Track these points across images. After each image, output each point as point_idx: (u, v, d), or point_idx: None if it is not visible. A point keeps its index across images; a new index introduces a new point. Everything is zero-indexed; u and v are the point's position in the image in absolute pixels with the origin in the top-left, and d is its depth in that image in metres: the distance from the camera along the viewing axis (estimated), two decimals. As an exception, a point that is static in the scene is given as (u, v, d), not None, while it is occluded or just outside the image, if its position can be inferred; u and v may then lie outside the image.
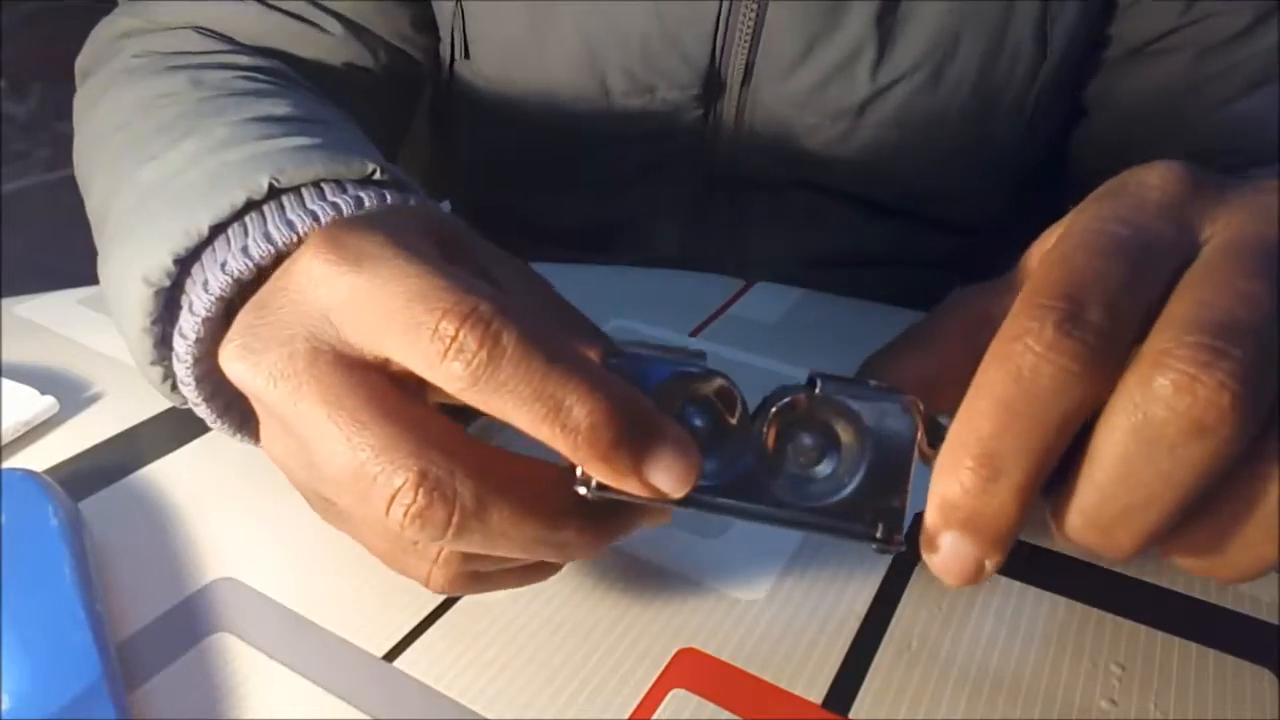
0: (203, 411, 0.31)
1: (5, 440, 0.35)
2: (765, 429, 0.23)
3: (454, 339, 0.21)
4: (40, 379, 0.38)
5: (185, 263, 0.29)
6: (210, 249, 0.29)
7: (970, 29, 0.49)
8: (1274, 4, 0.47)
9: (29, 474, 0.31)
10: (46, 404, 0.37)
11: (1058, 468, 0.21)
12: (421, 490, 0.21)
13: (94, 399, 0.39)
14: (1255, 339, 0.19)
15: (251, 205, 0.29)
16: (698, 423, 0.23)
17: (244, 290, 0.27)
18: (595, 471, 0.22)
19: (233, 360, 0.24)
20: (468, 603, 0.29)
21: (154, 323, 0.30)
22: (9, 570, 0.27)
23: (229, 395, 0.30)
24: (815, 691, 0.27)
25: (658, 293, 0.49)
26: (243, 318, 0.25)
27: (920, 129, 0.52)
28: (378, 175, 0.31)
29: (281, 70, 0.47)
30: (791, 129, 0.53)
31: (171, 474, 0.35)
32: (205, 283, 0.28)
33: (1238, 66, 0.48)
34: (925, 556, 0.22)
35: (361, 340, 0.23)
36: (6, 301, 0.45)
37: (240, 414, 0.31)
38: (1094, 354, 0.20)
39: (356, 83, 0.52)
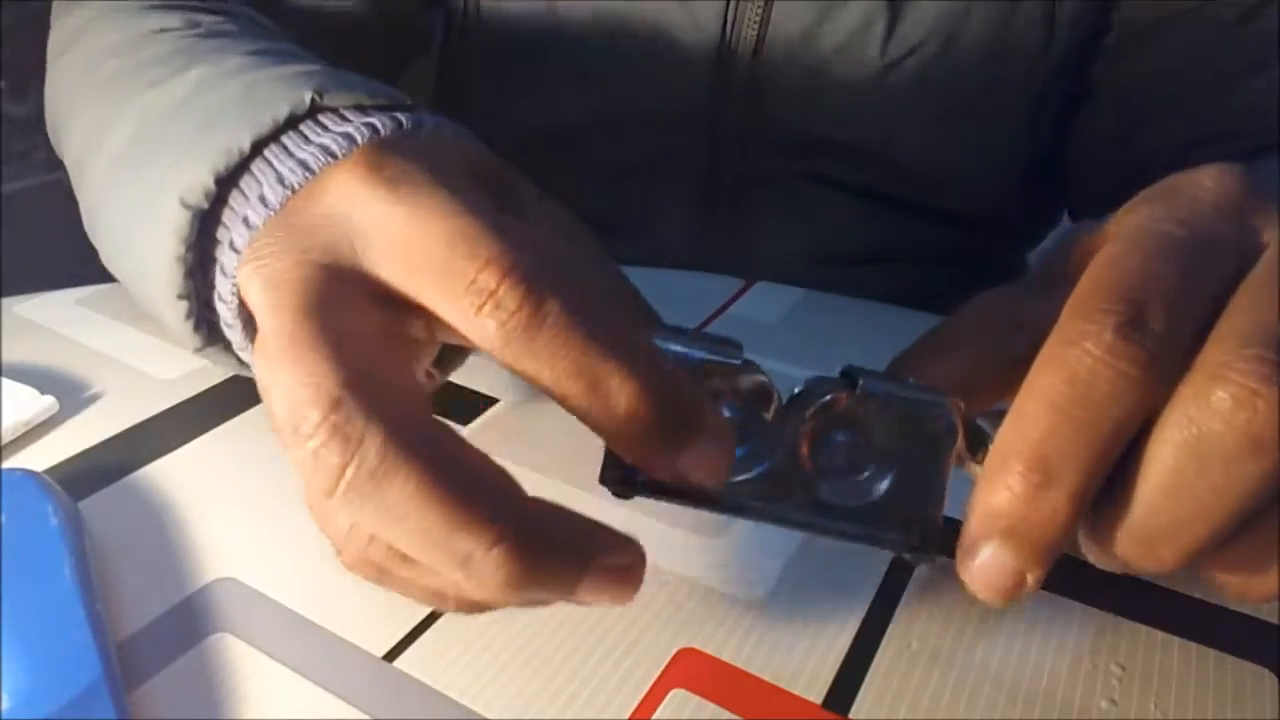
0: (235, 335, 0.28)
1: (5, 440, 0.35)
2: (801, 427, 0.22)
3: (493, 293, 0.20)
4: (40, 379, 0.38)
5: (223, 184, 0.27)
6: (248, 171, 0.27)
7: (978, 7, 0.50)
8: None
9: (29, 474, 0.31)
10: (46, 404, 0.37)
11: None
12: (325, 427, 0.19)
13: (94, 399, 0.39)
14: None
15: (291, 123, 0.28)
16: (730, 416, 0.22)
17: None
18: (625, 453, 0.21)
19: (243, 266, 0.22)
20: (468, 603, 0.29)
21: (189, 249, 0.28)
22: (9, 570, 0.27)
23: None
24: (815, 691, 0.27)
25: (658, 292, 0.48)
26: (266, 228, 0.23)
27: (929, 106, 0.52)
28: (414, 104, 0.30)
29: (273, 27, 0.47)
30: (801, 103, 0.53)
31: (171, 474, 0.35)
32: (262, 198, 0.26)
33: (1242, 50, 0.48)
34: (960, 568, 0.21)
35: (386, 272, 0.21)
36: (6, 301, 0.45)
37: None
38: (1153, 359, 0.19)
39: (347, 40, 0.51)
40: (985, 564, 0.21)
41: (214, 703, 0.26)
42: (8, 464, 0.34)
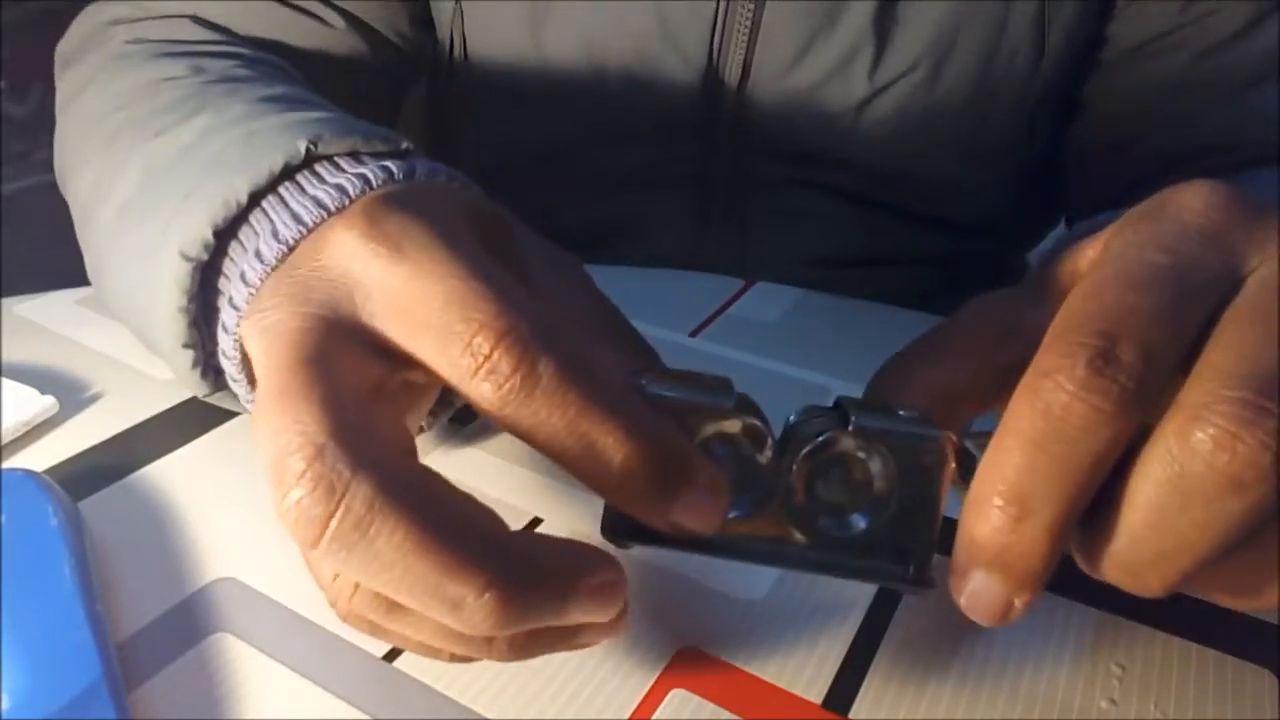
0: (241, 389, 0.29)
1: (5, 440, 0.35)
2: (795, 467, 0.22)
3: (487, 358, 0.20)
4: (40, 379, 0.38)
5: (221, 236, 0.28)
6: (246, 222, 0.28)
7: (968, 28, 0.49)
8: (1272, 4, 0.47)
9: (29, 474, 0.31)
10: (46, 404, 0.37)
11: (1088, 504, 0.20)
12: (309, 476, 0.19)
13: (94, 399, 0.39)
14: None
15: (286, 174, 0.28)
16: (723, 459, 0.22)
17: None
18: (621, 507, 0.21)
19: (245, 320, 0.23)
20: (468, 603, 0.29)
21: (191, 300, 0.28)
22: (9, 570, 0.27)
23: None
24: (815, 691, 0.27)
25: (658, 293, 0.49)
26: (268, 283, 0.24)
27: (919, 127, 0.52)
28: (409, 149, 0.30)
29: (280, 64, 0.47)
30: (791, 127, 0.53)
31: (171, 474, 0.35)
32: (258, 252, 0.26)
33: (1236, 66, 0.48)
34: (953, 592, 0.22)
35: (386, 328, 0.22)
36: (6, 301, 0.45)
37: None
38: (1127, 394, 0.19)
39: (350, 76, 0.52)
40: (974, 590, 0.21)
41: (214, 703, 0.26)
42: (8, 464, 0.34)
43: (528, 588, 0.20)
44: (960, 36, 0.49)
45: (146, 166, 0.33)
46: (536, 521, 0.33)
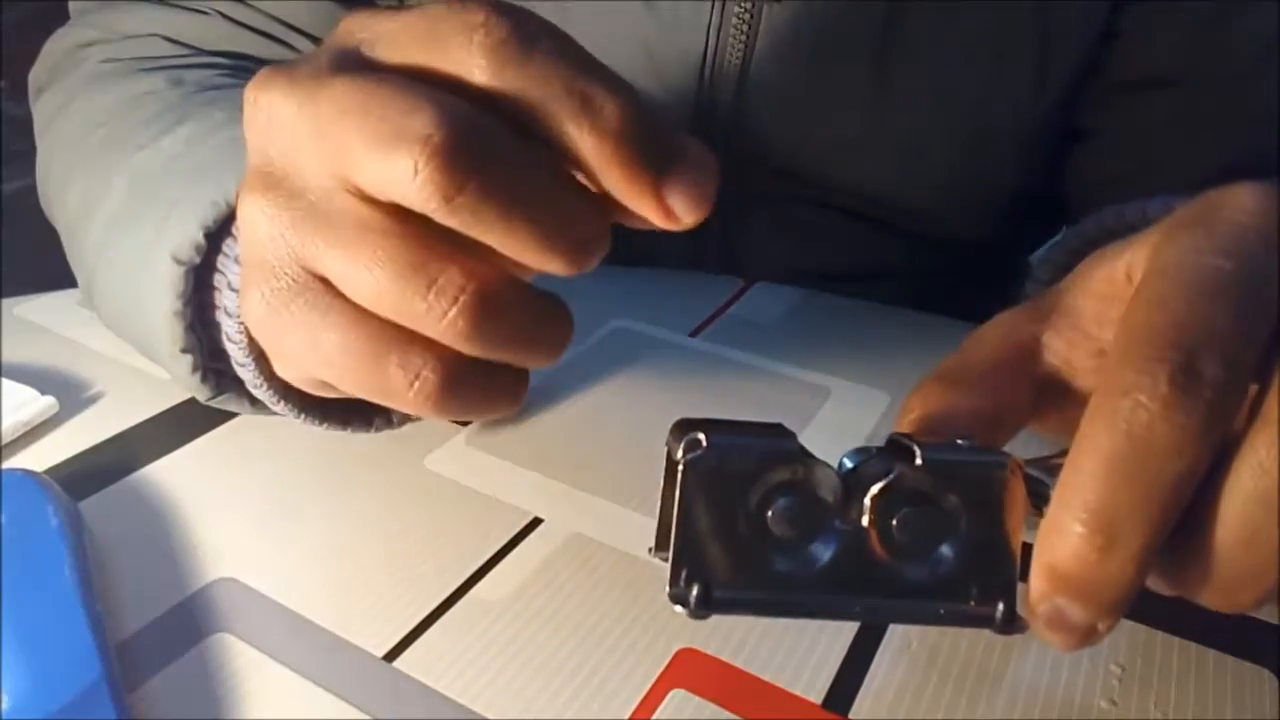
0: (248, 373, 0.29)
1: (5, 440, 0.35)
2: (865, 509, 0.21)
3: (482, 24, 0.21)
4: (40, 379, 0.38)
5: (212, 238, 0.28)
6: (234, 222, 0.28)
7: (967, 66, 0.48)
8: None
9: (29, 474, 0.31)
10: (46, 404, 0.37)
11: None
12: (446, 130, 0.20)
13: (94, 399, 0.39)
14: None
15: None
16: (790, 507, 0.21)
17: None
18: (615, 181, 0.21)
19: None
20: (468, 603, 0.29)
21: (186, 304, 0.29)
22: (9, 570, 0.27)
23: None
24: (815, 691, 0.27)
25: (658, 293, 0.49)
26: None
27: (916, 162, 0.51)
28: None
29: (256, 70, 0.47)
30: (785, 156, 0.52)
31: (171, 474, 0.35)
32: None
33: (1242, 102, 0.47)
34: (1029, 618, 0.21)
35: (387, 53, 0.22)
36: (6, 301, 0.45)
37: (284, 384, 0.29)
38: (1212, 410, 0.18)
39: None
40: (1055, 616, 0.20)
41: (214, 703, 0.26)
42: (8, 464, 0.34)
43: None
44: (958, 75, 0.48)
45: (132, 179, 0.33)
46: (537, 522, 0.33)
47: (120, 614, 0.28)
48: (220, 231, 0.28)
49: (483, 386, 0.25)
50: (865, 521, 0.21)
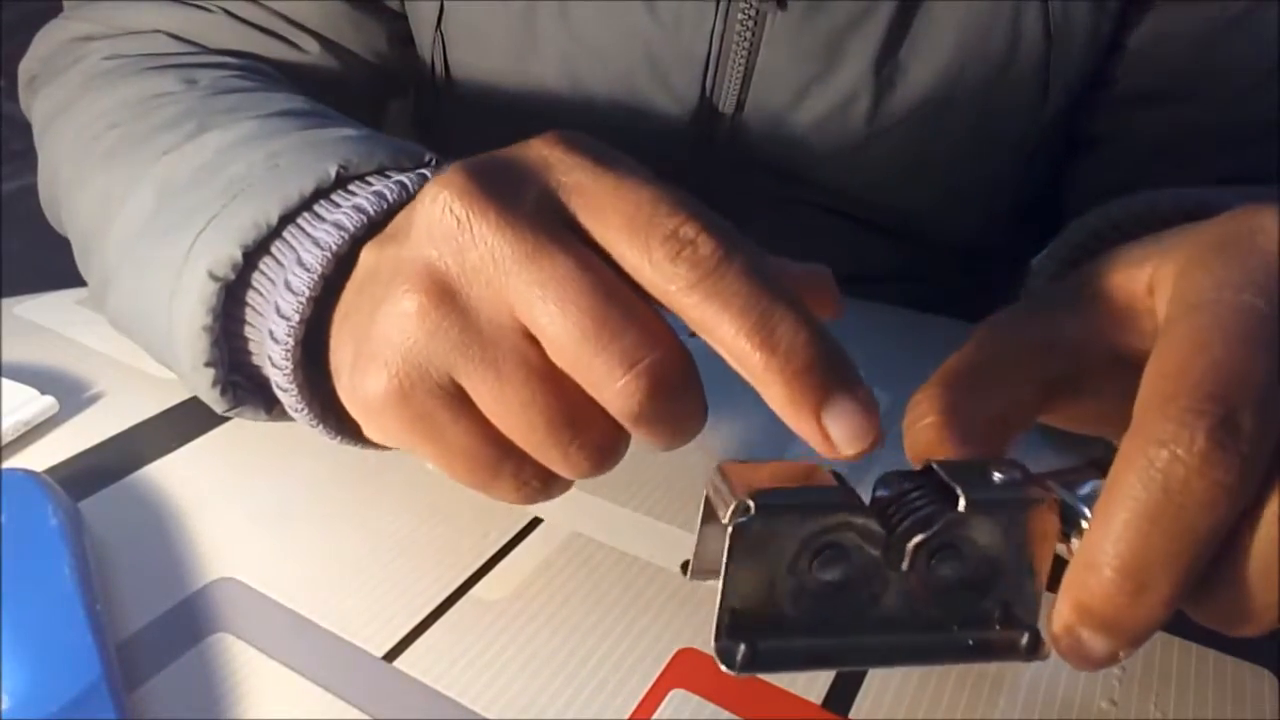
0: (291, 398, 0.29)
1: (5, 440, 0.35)
2: (905, 558, 0.21)
3: (692, 242, 0.22)
4: (40, 379, 0.38)
5: (250, 256, 0.29)
6: (276, 241, 0.29)
7: (970, 74, 0.48)
8: None
9: (29, 474, 0.31)
10: (46, 404, 0.37)
11: None
12: (657, 364, 0.22)
13: (94, 399, 0.39)
14: None
15: (316, 195, 0.29)
16: (830, 563, 0.21)
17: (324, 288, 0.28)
18: (777, 396, 0.22)
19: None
20: (468, 603, 0.29)
21: (215, 319, 0.29)
22: (9, 570, 0.27)
23: (317, 387, 0.29)
24: (815, 691, 0.27)
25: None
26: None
27: (917, 169, 0.51)
28: (434, 161, 0.31)
29: (271, 72, 0.46)
30: (786, 160, 0.51)
31: (171, 474, 0.35)
32: (300, 259, 0.28)
33: (1244, 116, 0.46)
34: (1053, 642, 0.21)
35: (591, 222, 0.23)
36: (6, 301, 0.45)
37: (323, 405, 0.30)
38: (1248, 464, 0.18)
39: (328, 95, 0.51)
40: (1079, 645, 0.20)
41: (214, 703, 0.26)
42: (8, 464, 0.34)
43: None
44: (962, 83, 0.48)
45: (160, 186, 0.33)
46: (537, 522, 0.33)
47: (120, 614, 0.28)
48: (257, 251, 0.29)
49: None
50: (905, 566, 0.21)
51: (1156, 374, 0.20)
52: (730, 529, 0.20)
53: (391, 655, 0.27)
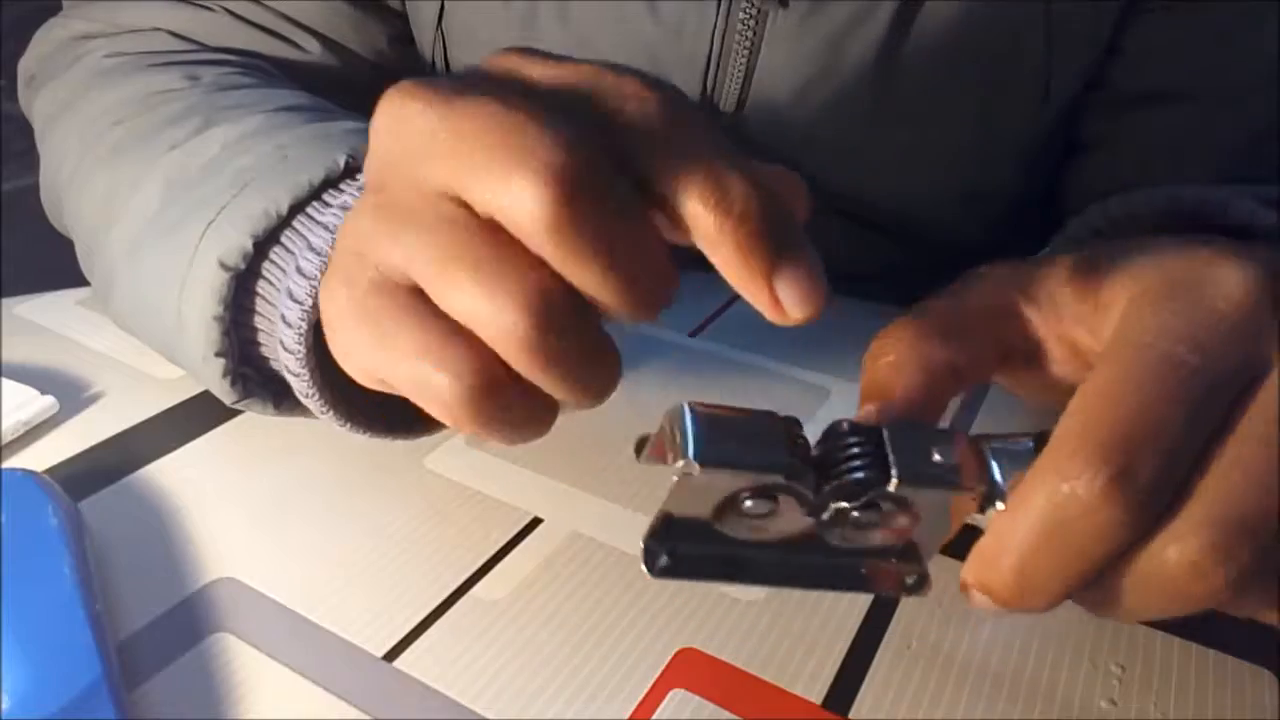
0: (302, 383, 0.29)
1: (5, 440, 0.35)
2: (827, 511, 0.22)
3: (637, 92, 0.21)
4: (40, 379, 0.38)
5: (258, 246, 0.29)
6: (285, 230, 0.29)
7: (971, 74, 0.48)
8: None
9: (29, 474, 0.31)
10: (46, 404, 0.37)
11: None
12: (570, 163, 0.20)
13: (94, 399, 0.39)
14: (1261, 538, 0.20)
15: (325, 185, 0.29)
16: (760, 506, 0.22)
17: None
18: (728, 259, 0.21)
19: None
20: (468, 602, 0.29)
21: (226, 309, 0.29)
22: (9, 570, 0.27)
23: (329, 372, 0.28)
24: (815, 691, 0.27)
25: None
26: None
27: (918, 167, 0.51)
28: None
29: (269, 70, 0.46)
30: (786, 158, 0.52)
31: (171, 474, 0.35)
32: (310, 244, 0.28)
33: (1244, 117, 0.46)
34: (961, 587, 0.23)
35: (555, 84, 0.22)
36: (6, 301, 0.45)
37: (333, 391, 0.29)
38: (1143, 508, 0.20)
39: (328, 94, 0.51)
40: (975, 600, 0.22)
41: (214, 703, 0.26)
42: (8, 464, 0.34)
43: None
44: (963, 83, 0.48)
45: (168, 181, 0.33)
46: (536, 522, 0.33)
47: (120, 614, 0.28)
48: (267, 241, 0.29)
49: (517, 406, 0.24)
50: (825, 518, 0.23)
51: (1079, 409, 0.21)
52: (675, 478, 0.22)
53: (391, 655, 0.28)
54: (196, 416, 0.37)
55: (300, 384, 0.29)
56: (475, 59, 0.52)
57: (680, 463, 0.21)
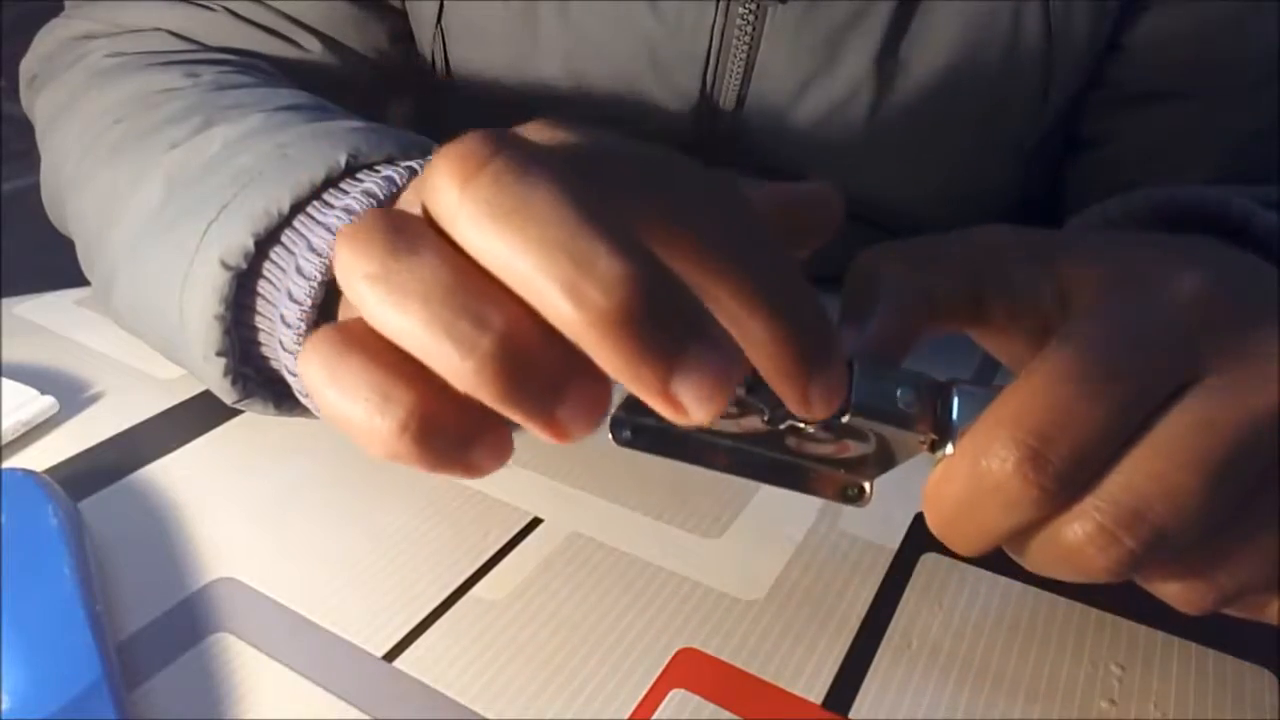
0: (301, 383, 0.28)
1: (5, 440, 0.35)
2: (787, 421, 0.23)
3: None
4: (40, 379, 0.38)
5: (260, 245, 0.29)
6: (286, 229, 0.29)
7: (971, 72, 0.48)
8: None
9: (29, 474, 0.31)
10: (46, 404, 0.37)
11: None
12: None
13: (94, 399, 0.39)
14: (1161, 534, 0.21)
15: (325, 184, 0.29)
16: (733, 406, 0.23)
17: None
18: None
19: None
20: (468, 603, 0.29)
21: (227, 308, 0.29)
22: (9, 570, 0.27)
23: None
24: (815, 691, 0.27)
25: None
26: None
27: (918, 166, 0.51)
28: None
29: (270, 70, 0.46)
30: (786, 157, 0.51)
31: (171, 474, 0.35)
32: (310, 244, 0.28)
33: (1243, 115, 0.47)
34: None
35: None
36: (6, 301, 0.45)
37: None
38: (1047, 492, 0.21)
39: (328, 91, 0.51)
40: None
41: (214, 703, 0.26)
42: (8, 464, 0.34)
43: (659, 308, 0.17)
44: (962, 81, 0.48)
45: (169, 179, 0.33)
46: (536, 522, 0.33)
47: (120, 614, 0.28)
48: (268, 240, 0.29)
49: (466, 438, 0.21)
50: (782, 428, 0.24)
51: (1016, 389, 0.22)
52: None
53: (391, 655, 0.28)
54: (196, 416, 0.37)
55: (300, 384, 0.29)
56: (475, 56, 0.52)
57: None
